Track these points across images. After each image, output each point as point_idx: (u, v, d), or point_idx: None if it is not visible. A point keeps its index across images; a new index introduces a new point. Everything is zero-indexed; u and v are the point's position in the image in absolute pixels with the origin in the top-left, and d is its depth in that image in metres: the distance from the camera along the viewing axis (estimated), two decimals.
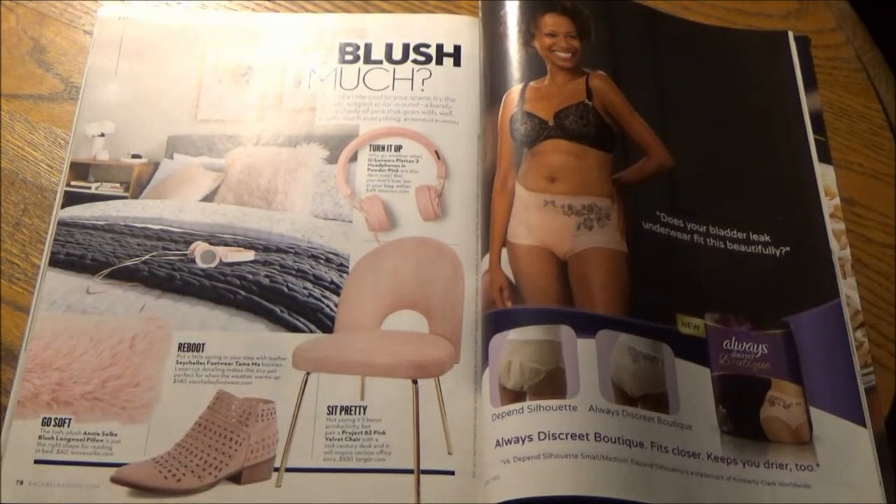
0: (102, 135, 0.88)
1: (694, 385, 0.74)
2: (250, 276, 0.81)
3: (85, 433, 0.74)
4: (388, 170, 0.86)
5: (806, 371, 0.75)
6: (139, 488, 0.71)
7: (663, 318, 0.76)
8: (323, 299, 0.80)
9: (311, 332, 0.78)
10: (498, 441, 0.70)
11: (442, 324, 0.79)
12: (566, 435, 0.68)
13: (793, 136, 0.87)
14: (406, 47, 0.93)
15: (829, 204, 0.84)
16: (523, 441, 0.68)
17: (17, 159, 0.87)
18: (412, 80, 0.91)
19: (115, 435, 0.74)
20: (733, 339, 0.76)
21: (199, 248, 0.83)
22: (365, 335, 0.79)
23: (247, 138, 0.88)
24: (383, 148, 0.87)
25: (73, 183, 0.86)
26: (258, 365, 0.77)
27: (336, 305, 0.80)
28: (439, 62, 0.92)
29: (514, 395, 0.71)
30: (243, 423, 0.74)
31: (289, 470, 0.73)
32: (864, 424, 0.73)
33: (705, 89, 0.89)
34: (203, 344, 0.78)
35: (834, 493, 0.71)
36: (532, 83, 0.84)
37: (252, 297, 0.80)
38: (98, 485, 0.72)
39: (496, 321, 0.75)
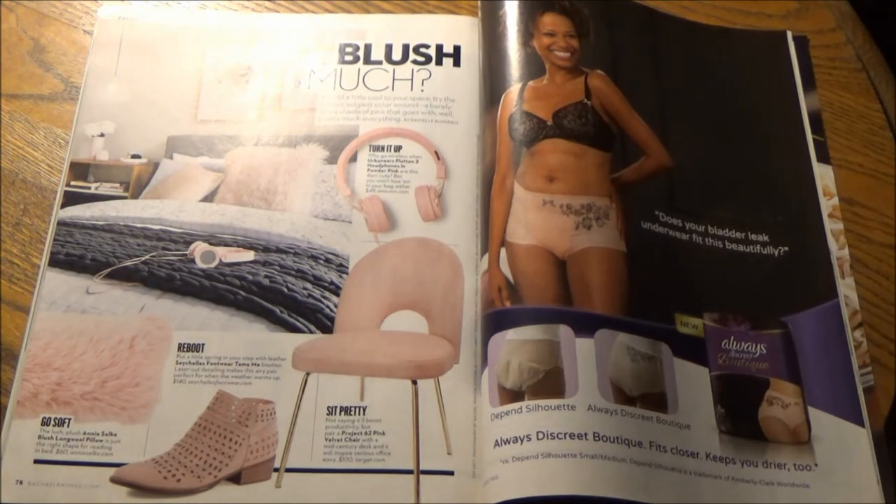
0: (102, 135, 0.88)
1: (692, 385, 0.74)
2: (250, 277, 0.81)
3: (84, 433, 0.74)
4: (388, 170, 0.86)
5: (804, 371, 0.75)
6: (139, 488, 0.71)
7: (662, 318, 0.76)
8: (322, 300, 0.80)
9: (311, 332, 0.78)
10: (497, 441, 0.70)
11: (441, 324, 0.79)
12: (565, 434, 0.68)
13: (791, 137, 0.87)
14: (406, 48, 0.93)
15: (828, 204, 0.84)
16: (522, 441, 0.68)
17: (17, 159, 0.87)
18: (412, 80, 0.91)
19: (115, 435, 0.74)
20: (732, 338, 0.76)
21: (198, 248, 0.83)
22: (364, 336, 0.79)
23: (246, 138, 0.88)
24: (383, 148, 0.87)
25: (72, 183, 0.86)
26: (258, 365, 0.77)
27: (336, 306, 0.80)
28: (439, 62, 0.92)
29: (512, 395, 0.71)
30: (243, 424, 0.74)
31: (288, 470, 0.73)
32: (862, 424, 0.73)
33: (704, 89, 0.89)
34: (203, 344, 0.78)
35: (832, 493, 0.71)
36: (531, 83, 0.84)
37: (252, 298, 0.80)
38: (98, 485, 0.72)
39: (495, 321, 0.75)
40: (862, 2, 1.00)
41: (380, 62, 0.92)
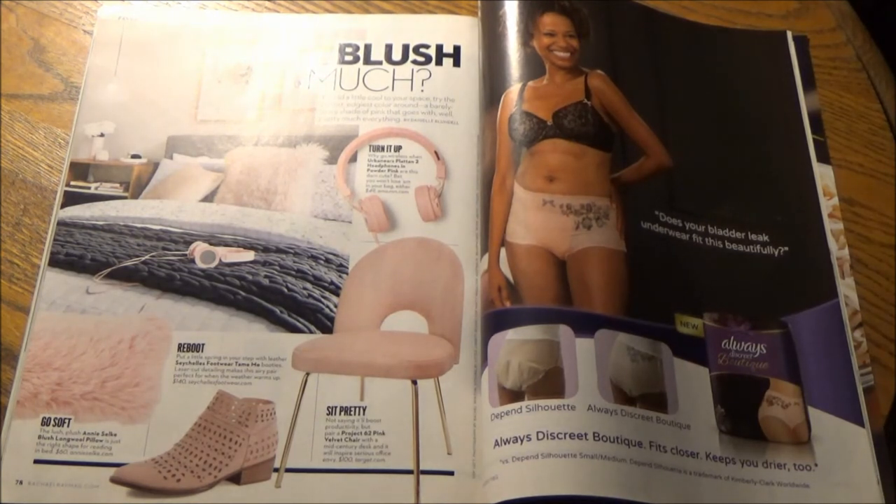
0: (102, 135, 0.88)
1: (692, 385, 0.74)
2: (250, 277, 0.81)
3: (84, 433, 0.74)
4: (388, 170, 0.86)
5: (804, 371, 0.75)
6: (139, 488, 0.71)
7: (662, 318, 0.76)
8: (322, 300, 0.80)
9: (311, 332, 0.78)
10: (497, 441, 0.70)
11: (441, 324, 0.79)
12: (565, 434, 0.68)
13: (791, 136, 0.87)
14: (406, 48, 0.93)
15: (828, 204, 0.84)
16: (522, 441, 0.68)
17: (17, 159, 0.87)
18: (412, 80, 0.91)
19: (115, 435, 0.74)
20: (732, 338, 0.76)
21: (198, 248, 0.83)
22: (364, 336, 0.79)
23: (246, 139, 0.88)
24: (383, 148, 0.87)
25: (72, 183, 0.86)
26: (258, 365, 0.77)
27: (336, 306, 0.80)
28: (439, 63, 0.92)
29: (512, 395, 0.71)
30: (243, 424, 0.74)
31: (288, 470, 0.73)
32: (862, 424, 0.73)
33: (704, 89, 0.89)
34: (203, 344, 0.78)
35: (832, 493, 0.71)
36: (531, 83, 0.84)
37: (252, 298, 0.80)
38: (97, 485, 0.72)
39: (495, 321, 0.75)
40: (862, 2, 1.00)
41: (380, 62, 0.92)
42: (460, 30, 0.93)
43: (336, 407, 0.76)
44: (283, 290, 0.80)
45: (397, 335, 0.79)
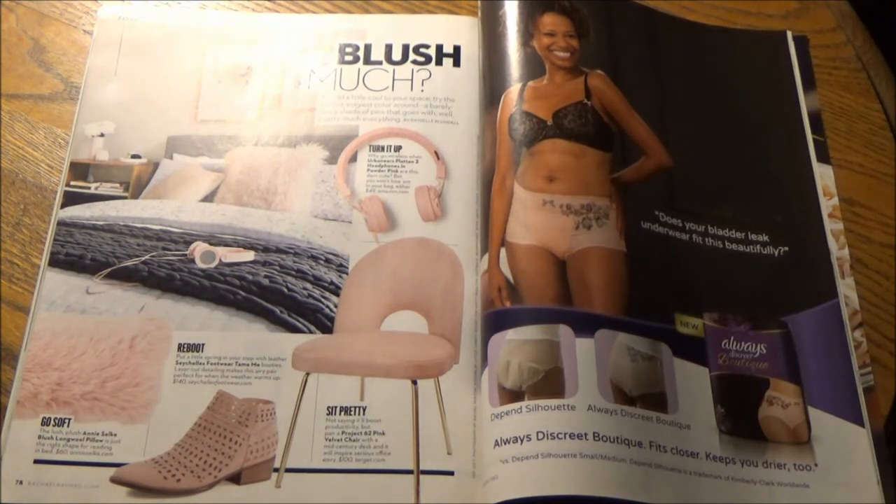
0: (102, 135, 0.88)
1: (692, 385, 0.74)
2: (250, 277, 0.81)
3: (84, 433, 0.74)
4: (388, 170, 0.86)
5: (804, 371, 0.75)
6: (139, 488, 0.71)
7: (662, 318, 0.76)
8: (322, 300, 0.80)
9: (311, 332, 0.78)
10: (497, 441, 0.70)
11: (441, 324, 0.79)
12: (565, 434, 0.68)
13: (791, 136, 0.87)
14: (406, 48, 0.93)
15: (828, 204, 0.84)
16: (522, 441, 0.68)
17: (17, 159, 0.87)
18: (412, 80, 0.91)
19: (115, 435, 0.74)
20: (732, 338, 0.76)
21: (198, 248, 0.83)
22: (364, 336, 0.79)
23: (246, 139, 0.88)
24: (383, 148, 0.87)
25: (72, 183, 0.86)
26: (258, 365, 0.77)
27: (336, 306, 0.80)
28: (439, 63, 0.92)
29: (512, 395, 0.71)
30: (243, 424, 0.74)
31: (288, 470, 0.73)
32: (862, 424, 0.73)
33: (704, 89, 0.89)
34: (203, 344, 0.78)
35: (832, 493, 0.71)
36: (531, 83, 0.84)
37: (252, 298, 0.80)
38: (97, 485, 0.72)
39: (495, 321, 0.75)
40: (862, 2, 1.00)
41: (380, 62, 0.92)
42: (460, 30, 0.93)
43: (336, 407, 0.76)
44: (283, 290, 0.80)
45: (397, 335, 0.79)
